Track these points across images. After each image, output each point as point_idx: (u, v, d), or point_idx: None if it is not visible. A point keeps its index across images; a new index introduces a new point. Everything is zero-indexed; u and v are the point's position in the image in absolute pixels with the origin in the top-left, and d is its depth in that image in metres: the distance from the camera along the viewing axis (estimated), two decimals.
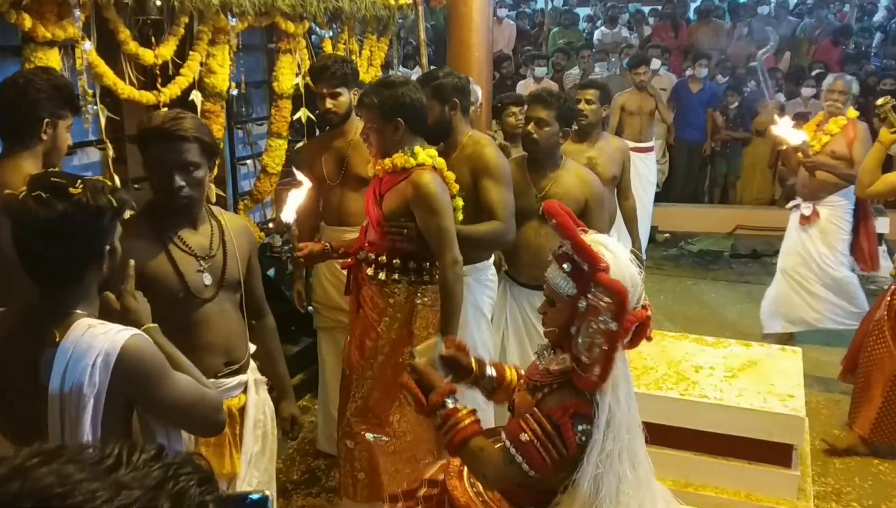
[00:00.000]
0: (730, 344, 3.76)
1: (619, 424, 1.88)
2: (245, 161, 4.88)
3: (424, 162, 2.94)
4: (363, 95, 3.01)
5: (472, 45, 5.35)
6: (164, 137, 2.16)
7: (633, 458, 1.93)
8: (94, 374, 1.64)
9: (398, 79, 3.10)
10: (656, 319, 5.82)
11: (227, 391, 2.34)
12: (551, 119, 3.35)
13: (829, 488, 3.77)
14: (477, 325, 3.43)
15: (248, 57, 4.49)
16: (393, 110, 2.88)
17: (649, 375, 3.34)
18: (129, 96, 3.39)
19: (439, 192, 2.89)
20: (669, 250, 7.71)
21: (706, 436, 3.15)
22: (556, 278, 1.93)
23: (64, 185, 1.66)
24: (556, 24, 10.79)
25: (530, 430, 1.88)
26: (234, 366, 2.39)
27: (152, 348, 1.76)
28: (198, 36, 3.74)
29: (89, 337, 1.67)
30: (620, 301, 1.78)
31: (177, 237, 2.27)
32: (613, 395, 1.88)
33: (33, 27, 2.83)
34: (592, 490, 1.87)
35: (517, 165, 3.51)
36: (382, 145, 2.94)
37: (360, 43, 5.15)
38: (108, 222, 1.73)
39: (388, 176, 2.96)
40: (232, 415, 2.35)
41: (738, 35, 9.93)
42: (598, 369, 1.83)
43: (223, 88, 3.93)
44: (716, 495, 3.13)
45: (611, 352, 1.82)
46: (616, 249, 1.92)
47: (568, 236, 1.90)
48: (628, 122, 7.00)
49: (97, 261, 1.76)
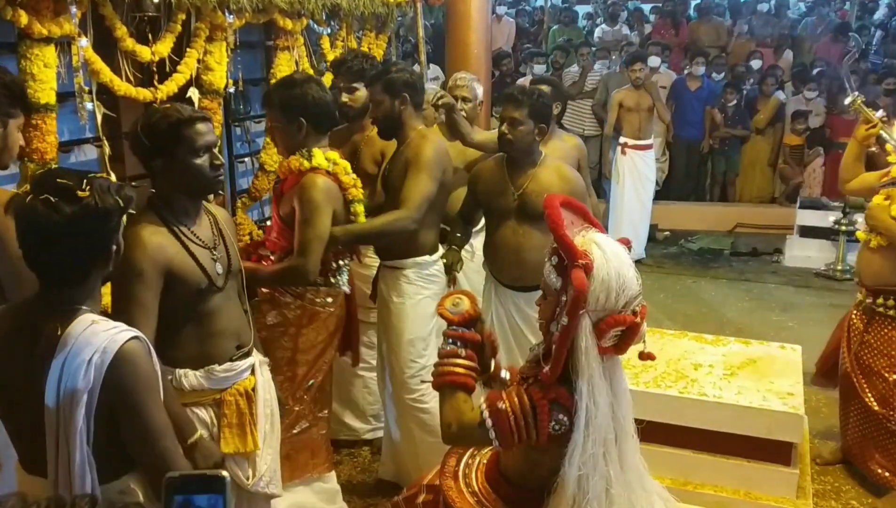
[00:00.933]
0: (729, 342, 3.75)
1: (599, 426, 1.87)
2: (243, 159, 4.86)
3: (320, 165, 2.94)
4: (266, 94, 3.04)
5: (470, 42, 5.34)
6: (200, 121, 2.29)
7: (621, 460, 1.92)
8: (89, 370, 1.64)
9: (301, 77, 3.11)
10: (656, 317, 5.84)
11: (239, 373, 2.45)
12: (524, 117, 3.27)
13: (828, 486, 3.75)
14: (417, 317, 3.37)
15: (246, 54, 4.47)
16: (295, 110, 2.91)
17: (648, 373, 3.33)
18: (126, 93, 3.37)
19: (318, 199, 2.88)
20: (669, 249, 7.70)
21: (705, 434, 3.15)
22: (547, 271, 1.94)
23: (71, 187, 1.65)
24: (555, 22, 10.78)
25: (508, 402, 1.90)
26: (244, 349, 2.48)
27: (148, 357, 1.75)
28: (195, 33, 3.72)
29: (90, 333, 1.67)
30: (575, 296, 1.80)
31: (188, 231, 2.32)
32: (590, 395, 1.86)
33: (29, 24, 2.81)
34: (578, 492, 1.87)
35: (496, 164, 3.45)
36: (287, 145, 2.99)
37: (358, 40, 5.13)
38: (116, 221, 1.74)
39: (290, 176, 2.98)
40: (248, 395, 2.47)
41: (738, 32, 9.92)
42: (551, 361, 1.86)
43: (221, 86, 3.91)
44: (715, 493, 3.12)
45: (560, 346, 1.84)
46: (610, 249, 1.89)
47: (552, 228, 1.90)
48: (627, 118, 6.98)
49: (104, 260, 1.77)
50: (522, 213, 3.36)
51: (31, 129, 2.88)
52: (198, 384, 2.35)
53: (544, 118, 3.32)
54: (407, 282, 3.35)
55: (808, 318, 5.86)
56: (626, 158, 7.03)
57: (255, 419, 2.48)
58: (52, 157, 2.97)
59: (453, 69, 5.11)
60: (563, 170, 3.43)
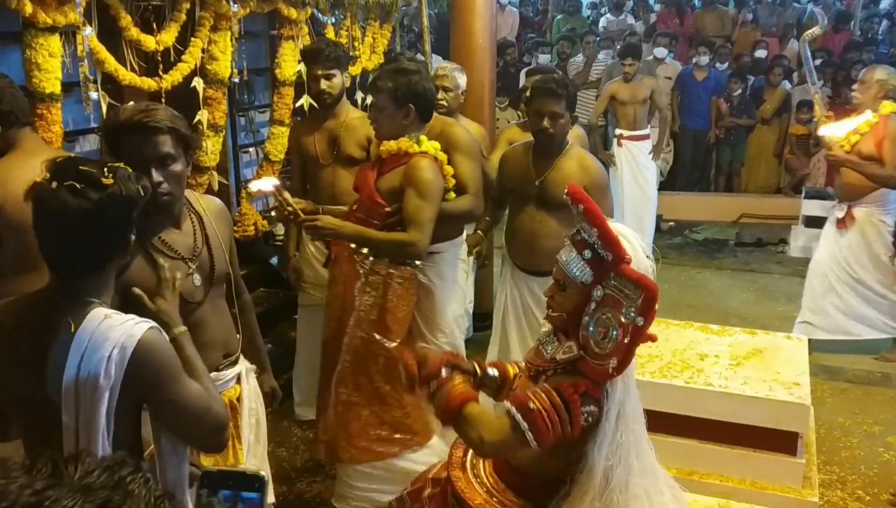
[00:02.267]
0: (735, 332, 3.74)
1: (628, 416, 1.87)
2: (247, 149, 4.86)
3: (427, 151, 3.03)
4: (377, 79, 3.07)
5: (475, 31, 5.29)
6: (136, 130, 2.01)
7: (637, 447, 1.92)
8: (109, 366, 1.61)
9: (413, 66, 3.16)
10: (660, 308, 5.79)
11: (225, 383, 2.33)
12: (563, 110, 3.33)
13: (834, 476, 3.75)
14: (454, 297, 3.43)
15: (250, 44, 4.46)
16: (406, 97, 2.97)
17: (654, 363, 3.32)
18: (131, 83, 3.37)
19: (435, 181, 2.98)
20: (674, 239, 7.68)
21: (711, 424, 3.14)
22: (572, 265, 1.90)
23: (95, 175, 1.61)
24: (559, 12, 10.72)
25: (538, 401, 1.84)
26: (231, 357, 2.38)
27: (167, 345, 1.73)
28: (199, 22, 3.71)
29: (105, 328, 1.63)
30: (650, 298, 1.76)
31: (159, 241, 2.13)
32: (624, 386, 1.86)
33: (34, 13, 2.80)
34: (603, 482, 1.86)
35: (524, 150, 3.53)
36: (390, 129, 3.02)
37: (362, 30, 5.12)
38: (136, 210, 1.71)
39: (392, 157, 3.03)
40: (233, 407, 2.35)
41: (743, 21, 9.87)
42: (614, 360, 1.80)
43: (225, 75, 3.91)
44: (721, 483, 3.11)
45: (633, 346, 1.80)
46: (635, 241, 1.90)
47: (596, 225, 1.86)
48: (621, 111, 6.87)
49: (122, 250, 1.73)
50: (542, 200, 3.45)
51: (37, 118, 2.87)
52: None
53: (574, 107, 3.39)
54: (444, 264, 3.36)
55: None
56: (623, 150, 6.95)
57: (240, 432, 2.39)
58: (58, 146, 2.96)
59: (457, 59, 5.08)
60: (586, 161, 3.46)
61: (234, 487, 1.02)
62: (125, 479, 0.82)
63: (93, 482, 0.81)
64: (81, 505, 0.78)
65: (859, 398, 4.51)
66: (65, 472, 0.81)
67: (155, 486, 0.84)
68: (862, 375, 4.80)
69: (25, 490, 0.78)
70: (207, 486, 1.02)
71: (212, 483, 1.02)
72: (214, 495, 1.02)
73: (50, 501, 0.77)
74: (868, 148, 4.58)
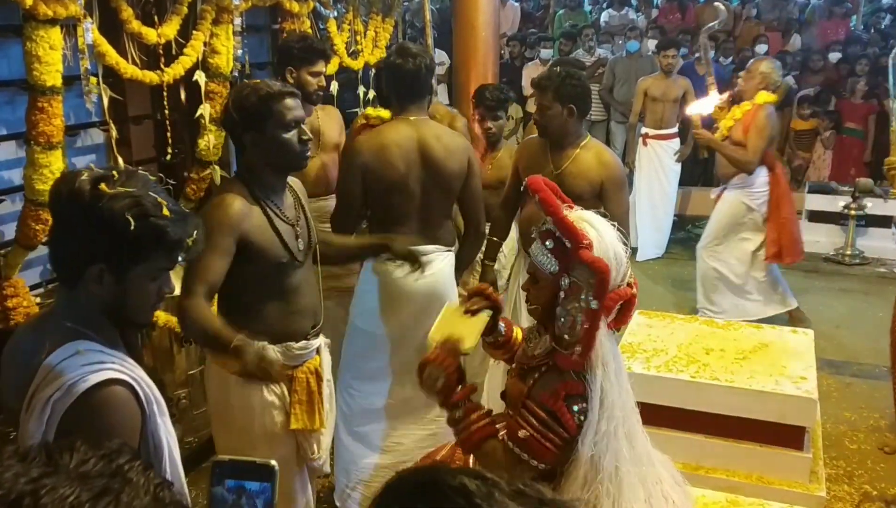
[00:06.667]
0: (740, 326, 3.72)
1: (613, 403, 1.86)
2: None
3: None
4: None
5: (478, 25, 5.28)
6: (289, 96, 2.36)
7: (629, 435, 1.91)
8: (45, 410, 1.44)
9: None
10: (663, 303, 5.81)
11: (311, 352, 2.56)
12: (550, 102, 3.35)
13: (841, 471, 3.74)
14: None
15: (252, 38, 4.43)
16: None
17: (660, 357, 3.30)
18: (132, 76, 3.34)
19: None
20: (678, 234, 7.65)
21: (717, 418, 3.12)
22: (539, 255, 1.91)
23: (100, 176, 1.51)
24: (560, 7, 10.69)
25: (527, 425, 1.87)
26: (315, 328, 2.58)
27: (125, 409, 1.49)
28: (201, 15, 3.68)
29: (64, 367, 1.46)
30: (601, 279, 1.77)
31: (274, 206, 2.41)
32: (604, 374, 1.86)
33: (34, 5, 2.77)
34: (591, 471, 1.85)
35: (540, 142, 3.53)
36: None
37: (364, 24, 5.09)
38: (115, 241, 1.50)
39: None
40: (318, 374, 2.57)
41: (746, 16, 9.83)
42: (579, 347, 1.83)
43: (227, 69, 3.87)
44: (727, 478, 3.10)
45: (592, 331, 1.81)
46: (601, 226, 1.88)
47: (550, 212, 1.87)
48: (651, 108, 6.73)
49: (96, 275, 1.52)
50: None
51: (38, 112, 2.85)
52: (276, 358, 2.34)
53: (573, 99, 3.34)
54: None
55: (818, 303, 5.83)
56: (648, 150, 6.85)
57: (322, 399, 2.57)
58: (59, 140, 2.93)
59: (460, 53, 5.08)
60: (605, 155, 3.45)
61: (244, 477, 1.00)
62: (123, 467, 0.80)
63: (90, 470, 0.79)
64: (79, 494, 0.76)
65: (865, 393, 4.49)
66: (59, 460, 0.79)
67: (154, 474, 0.83)
68: (868, 369, 4.79)
69: (20, 478, 0.76)
70: (218, 476, 1.00)
71: (222, 474, 1.00)
72: (222, 485, 1.00)
73: (46, 489, 0.75)
74: (737, 134, 4.91)
